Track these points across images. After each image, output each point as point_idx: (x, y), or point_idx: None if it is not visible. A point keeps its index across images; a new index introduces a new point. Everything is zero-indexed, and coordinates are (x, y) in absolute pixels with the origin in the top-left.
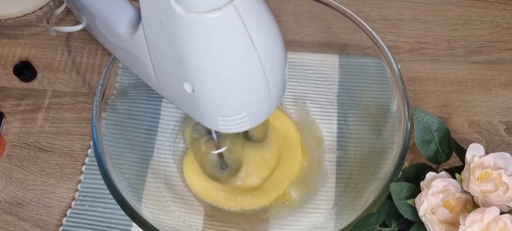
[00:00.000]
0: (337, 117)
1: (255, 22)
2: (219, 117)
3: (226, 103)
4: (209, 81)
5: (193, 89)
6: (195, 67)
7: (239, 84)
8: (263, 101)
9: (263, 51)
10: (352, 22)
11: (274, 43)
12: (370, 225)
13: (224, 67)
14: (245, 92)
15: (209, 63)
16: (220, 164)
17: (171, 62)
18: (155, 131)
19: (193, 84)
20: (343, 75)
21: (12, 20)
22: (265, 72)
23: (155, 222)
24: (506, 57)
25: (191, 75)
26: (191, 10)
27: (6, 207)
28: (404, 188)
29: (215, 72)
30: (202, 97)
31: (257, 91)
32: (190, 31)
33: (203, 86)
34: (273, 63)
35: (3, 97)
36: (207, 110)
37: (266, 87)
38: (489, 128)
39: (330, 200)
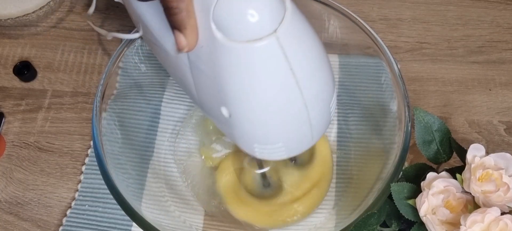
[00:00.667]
0: (337, 117)
1: (298, 55)
2: (255, 144)
3: (261, 132)
4: (245, 109)
5: (230, 115)
6: (232, 94)
7: (276, 115)
8: (302, 133)
9: (305, 84)
10: (352, 22)
11: (319, 76)
12: (371, 225)
13: (261, 98)
14: (283, 124)
15: (246, 92)
16: (263, 182)
17: (210, 85)
18: (155, 131)
19: (230, 109)
20: (343, 75)
21: (12, 20)
22: (307, 105)
23: (155, 222)
24: (506, 57)
25: (228, 101)
26: (232, 39)
27: (6, 207)
28: (405, 188)
29: (252, 101)
30: (237, 123)
31: (297, 123)
32: (229, 59)
33: (239, 113)
34: (316, 96)
35: (3, 97)
36: (243, 136)
37: (307, 120)
38: (489, 127)
39: (330, 200)
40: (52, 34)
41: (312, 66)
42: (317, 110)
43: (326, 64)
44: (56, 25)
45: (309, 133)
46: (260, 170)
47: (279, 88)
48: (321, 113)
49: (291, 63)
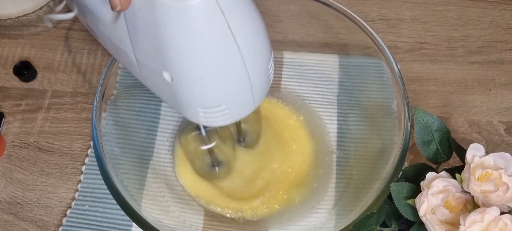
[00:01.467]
0: (337, 117)
1: (236, 14)
2: (199, 108)
3: (204, 94)
4: (186, 70)
5: (172, 79)
6: (172, 55)
7: (217, 74)
8: (244, 95)
9: (244, 43)
10: (352, 22)
11: (257, 37)
12: (370, 225)
13: (201, 57)
14: (224, 84)
15: (186, 52)
16: (212, 161)
17: (151, 50)
18: (155, 131)
19: (171, 73)
20: (343, 75)
21: (12, 20)
22: (246, 65)
23: (155, 222)
24: (506, 57)
25: (169, 63)
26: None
27: (6, 207)
28: (404, 188)
29: (192, 61)
30: (180, 87)
31: (238, 84)
32: (168, 18)
33: (181, 75)
34: (255, 56)
35: (3, 97)
36: (186, 100)
37: (247, 81)
38: (489, 128)
39: (330, 200)
40: (52, 34)
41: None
42: (256, 71)
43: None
44: (56, 25)
45: (250, 95)
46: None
47: (218, 47)
48: (260, 74)
49: (229, 20)
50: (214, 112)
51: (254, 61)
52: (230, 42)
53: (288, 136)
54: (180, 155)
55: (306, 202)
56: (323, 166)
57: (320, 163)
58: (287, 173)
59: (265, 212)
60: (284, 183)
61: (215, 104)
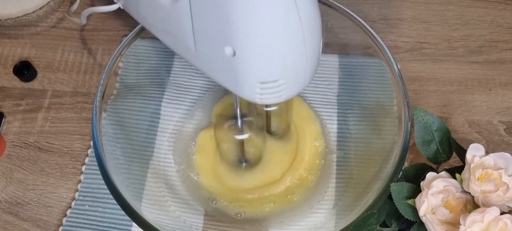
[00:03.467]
0: (337, 117)
1: None
2: (257, 83)
3: (265, 67)
4: (251, 41)
5: (234, 53)
6: (238, 27)
7: (280, 47)
8: (300, 70)
9: (305, 18)
10: (352, 22)
11: (315, 13)
12: (371, 225)
13: (267, 28)
14: (285, 57)
15: (252, 23)
16: (240, 156)
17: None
18: (155, 131)
19: (235, 45)
20: (343, 75)
21: (12, 20)
22: (305, 39)
23: (155, 222)
24: (506, 57)
25: (234, 36)
26: None
27: (6, 207)
28: (405, 188)
29: (257, 33)
30: (242, 60)
31: (296, 58)
32: None
33: (245, 47)
34: (313, 32)
35: (3, 97)
36: (246, 75)
37: (305, 55)
38: (489, 127)
39: (330, 200)
40: (52, 34)
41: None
42: (313, 48)
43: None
44: (56, 25)
45: (305, 70)
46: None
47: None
48: (315, 50)
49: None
50: (270, 88)
51: (312, 37)
52: (295, 16)
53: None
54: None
55: (306, 201)
56: (323, 165)
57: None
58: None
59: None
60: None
61: (273, 78)
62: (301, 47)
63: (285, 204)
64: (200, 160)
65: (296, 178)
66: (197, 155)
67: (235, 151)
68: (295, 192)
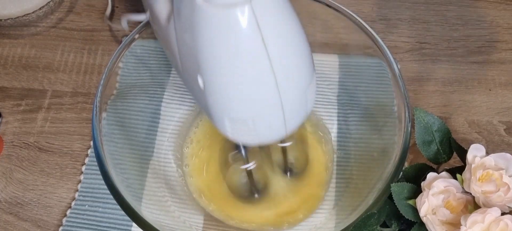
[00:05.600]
0: (337, 117)
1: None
2: (226, 119)
3: (231, 105)
4: (217, 78)
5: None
6: (205, 61)
7: (245, 87)
8: (273, 117)
9: (277, 61)
10: (352, 22)
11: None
12: (371, 225)
13: (232, 68)
14: (252, 99)
15: (218, 60)
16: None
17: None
18: (155, 131)
19: (203, 78)
20: (343, 75)
21: (12, 20)
22: (278, 84)
23: (155, 222)
24: (506, 57)
25: (202, 69)
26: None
27: (6, 207)
28: (405, 189)
29: (223, 71)
30: (210, 93)
31: (266, 102)
32: (203, 23)
33: (211, 82)
34: (289, 78)
35: (3, 97)
36: (215, 108)
37: (278, 101)
38: (489, 128)
39: (330, 200)
40: (52, 34)
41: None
42: (290, 94)
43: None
44: (56, 25)
45: (281, 118)
46: (245, 166)
47: (250, 60)
48: (294, 98)
49: (264, 35)
50: (240, 128)
51: (288, 84)
52: (263, 57)
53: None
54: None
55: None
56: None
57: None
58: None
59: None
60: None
61: (241, 118)
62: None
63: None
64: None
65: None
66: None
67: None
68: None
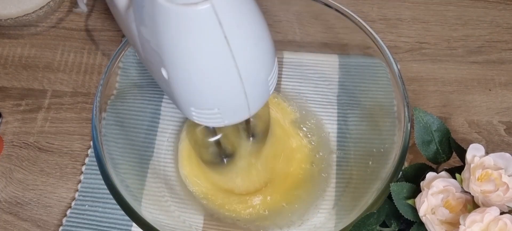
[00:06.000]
0: (337, 117)
1: (233, 24)
2: (192, 108)
3: (196, 95)
4: (180, 72)
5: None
6: (168, 56)
7: (209, 80)
8: (238, 103)
9: (239, 54)
10: (352, 22)
11: (256, 48)
12: (370, 225)
13: (195, 62)
14: (216, 90)
15: (181, 55)
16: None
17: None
18: (155, 131)
19: (167, 71)
20: (343, 75)
21: (12, 20)
22: (241, 75)
23: (155, 222)
24: (506, 57)
25: (165, 63)
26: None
27: (6, 207)
28: (404, 188)
29: (186, 65)
30: (174, 85)
31: (231, 92)
32: (166, 21)
33: (175, 75)
34: (252, 67)
35: (3, 97)
36: (180, 98)
37: (242, 90)
38: (489, 128)
39: (330, 200)
40: (52, 34)
41: (248, 37)
42: (252, 82)
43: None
44: (56, 25)
45: (244, 103)
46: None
47: (213, 55)
48: (257, 85)
49: (226, 31)
50: (207, 114)
51: (250, 72)
52: (225, 53)
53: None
54: (185, 147)
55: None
56: (323, 166)
57: (319, 163)
58: (287, 173)
59: (264, 214)
60: (283, 183)
61: (207, 107)
62: (235, 81)
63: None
64: (187, 170)
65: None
66: (183, 165)
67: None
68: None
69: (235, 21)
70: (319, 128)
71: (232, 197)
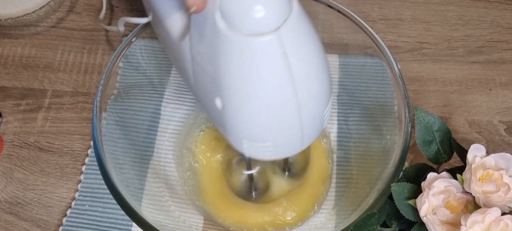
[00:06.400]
0: (337, 117)
1: (298, 57)
2: (244, 140)
3: (252, 128)
4: (238, 102)
5: (223, 106)
6: (227, 85)
7: (268, 113)
8: (292, 136)
9: (301, 87)
10: (352, 22)
11: (316, 82)
12: (371, 225)
13: (255, 93)
14: (274, 123)
15: (241, 86)
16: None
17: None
18: (155, 131)
19: (223, 101)
20: (343, 75)
21: (12, 20)
22: (300, 108)
23: (155, 222)
24: (507, 57)
25: (222, 92)
26: (235, 30)
27: (6, 206)
28: (405, 189)
29: (245, 96)
30: (229, 115)
31: (287, 125)
32: (228, 50)
33: (232, 105)
34: (311, 101)
35: (3, 97)
36: (233, 130)
37: (299, 123)
38: (490, 128)
39: (330, 200)
40: (52, 34)
41: (310, 70)
42: (309, 115)
43: (325, 71)
44: (56, 25)
45: (299, 136)
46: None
47: (274, 87)
48: (313, 118)
49: (290, 63)
50: (258, 147)
51: (310, 106)
52: (288, 85)
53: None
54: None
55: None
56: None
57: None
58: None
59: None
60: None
61: (261, 140)
62: (294, 115)
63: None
64: (204, 181)
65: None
66: (201, 175)
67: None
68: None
69: (300, 52)
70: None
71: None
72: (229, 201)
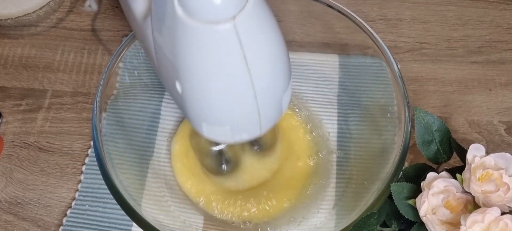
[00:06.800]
0: (337, 117)
1: (253, 45)
2: (203, 123)
3: (209, 113)
4: (195, 88)
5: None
6: (184, 71)
7: (224, 98)
8: (250, 121)
9: (256, 75)
10: (352, 22)
11: (272, 70)
12: (371, 225)
13: (212, 80)
14: (230, 108)
15: (197, 72)
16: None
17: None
18: (155, 131)
19: (181, 85)
20: (343, 75)
21: (12, 20)
22: (256, 95)
23: (155, 222)
24: (506, 57)
25: (180, 77)
26: (191, 17)
27: (6, 206)
28: (405, 188)
29: (202, 82)
30: (188, 99)
31: (244, 111)
32: (185, 37)
33: (190, 91)
34: (268, 88)
35: (3, 97)
36: (192, 112)
37: (255, 109)
38: (489, 128)
39: (330, 200)
40: (52, 34)
41: (266, 58)
42: (266, 101)
43: (283, 58)
44: (56, 25)
45: (257, 121)
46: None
47: (230, 74)
48: (271, 105)
49: (245, 52)
50: (218, 130)
51: (266, 94)
52: (243, 74)
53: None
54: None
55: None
56: (323, 166)
57: (320, 164)
58: (289, 176)
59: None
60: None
61: (219, 124)
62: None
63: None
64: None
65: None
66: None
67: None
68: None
69: (256, 41)
70: (319, 128)
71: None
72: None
